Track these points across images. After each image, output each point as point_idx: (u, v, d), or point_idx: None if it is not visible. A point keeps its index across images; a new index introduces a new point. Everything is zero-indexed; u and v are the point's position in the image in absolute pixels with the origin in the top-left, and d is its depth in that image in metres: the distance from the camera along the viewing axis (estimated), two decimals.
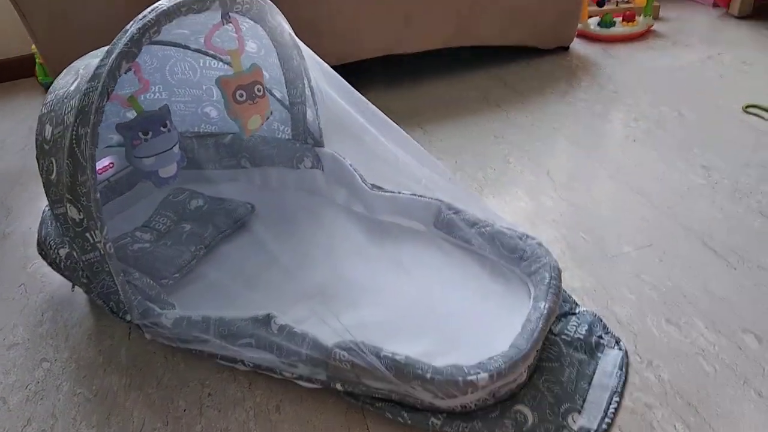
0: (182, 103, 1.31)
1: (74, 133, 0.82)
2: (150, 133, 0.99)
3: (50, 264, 1.11)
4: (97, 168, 1.22)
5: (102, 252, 0.89)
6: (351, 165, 1.26)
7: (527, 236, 1.03)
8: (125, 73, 0.84)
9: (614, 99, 1.82)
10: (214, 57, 1.17)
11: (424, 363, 0.82)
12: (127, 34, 0.83)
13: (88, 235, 0.88)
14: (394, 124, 1.07)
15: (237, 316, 0.94)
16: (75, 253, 0.92)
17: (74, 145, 0.83)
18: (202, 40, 1.05)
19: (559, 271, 0.96)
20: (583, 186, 1.39)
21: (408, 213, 1.18)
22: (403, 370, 0.81)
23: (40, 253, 1.13)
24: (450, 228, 1.11)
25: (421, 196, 1.16)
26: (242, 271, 1.13)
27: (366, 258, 1.13)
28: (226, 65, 1.15)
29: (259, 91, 1.08)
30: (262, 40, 1.14)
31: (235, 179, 1.40)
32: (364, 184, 1.22)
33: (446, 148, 1.60)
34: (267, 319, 0.92)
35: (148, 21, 0.83)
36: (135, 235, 1.20)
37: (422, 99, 1.90)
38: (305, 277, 1.10)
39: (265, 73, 1.22)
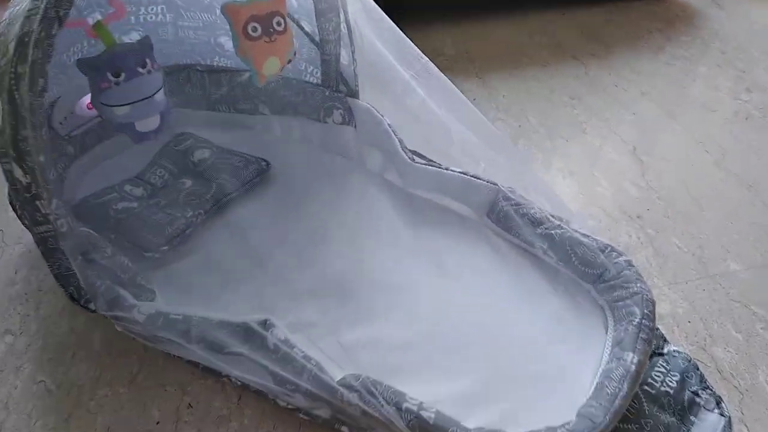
0: (191, 29, 1.07)
1: (12, 71, 0.60)
2: (122, 74, 0.74)
3: (19, 218, 0.92)
4: (85, 103, 0.99)
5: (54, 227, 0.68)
6: (390, 125, 1.01)
7: (611, 249, 0.78)
8: None
9: (722, 61, 1.48)
10: None
11: (461, 427, 0.60)
12: None
13: (38, 203, 0.67)
14: (450, 83, 0.81)
15: (226, 318, 0.73)
16: (25, 222, 0.72)
17: (13, 88, 0.60)
18: None
19: (653, 307, 0.71)
20: (678, 173, 1.11)
21: (455, 194, 0.94)
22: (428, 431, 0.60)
23: (10, 203, 0.94)
24: (508, 222, 0.87)
25: (473, 176, 0.91)
26: (245, 249, 0.92)
27: (397, 248, 0.90)
28: None
29: (279, 24, 0.83)
30: None
31: (251, 127, 1.16)
32: (403, 151, 0.98)
33: (508, 107, 1.32)
34: (263, 328, 0.72)
35: None
36: (123, 190, 0.99)
37: (481, 42, 1.59)
38: (320, 266, 0.88)
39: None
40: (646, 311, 0.70)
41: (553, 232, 0.82)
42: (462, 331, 0.76)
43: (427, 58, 0.84)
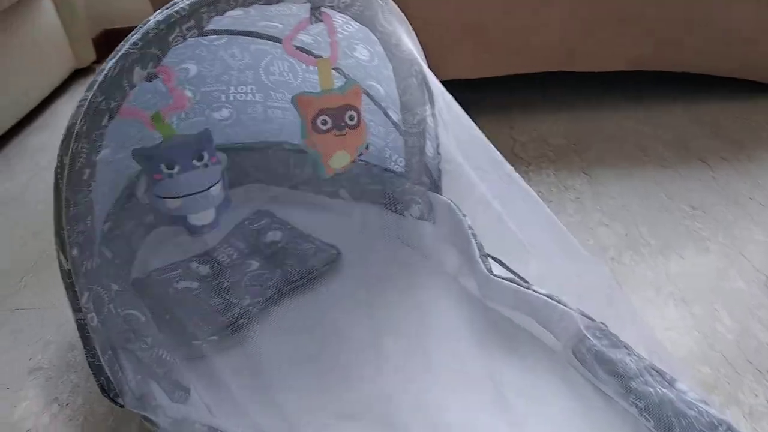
0: (279, 109, 1.05)
1: (59, 161, 0.58)
2: (176, 166, 0.72)
3: None
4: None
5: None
6: (470, 227, 0.91)
7: (728, 428, 0.60)
8: (147, 81, 0.58)
9: None
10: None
11: None
12: (142, 29, 0.56)
13: (73, 292, 0.65)
14: (533, 195, 0.71)
15: None
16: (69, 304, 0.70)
17: (58, 177, 0.59)
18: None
19: None
20: None
21: (539, 317, 0.81)
22: None
23: None
24: (597, 366, 0.72)
25: (559, 301, 0.78)
26: (294, 350, 0.84)
27: (460, 373, 0.78)
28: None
29: (351, 119, 0.77)
30: (376, 47, 0.82)
31: (330, 210, 1.11)
32: (481, 260, 0.87)
33: (615, 211, 1.17)
34: None
35: (177, 11, 0.56)
36: (189, 267, 0.97)
37: (594, 133, 1.46)
38: (367, 384, 0.78)
39: (378, 87, 0.91)
40: None
41: (651, 390, 0.66)
42: None
43: (511, 167, 0.74)
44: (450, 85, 0.82)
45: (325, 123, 0.76)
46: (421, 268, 0.97)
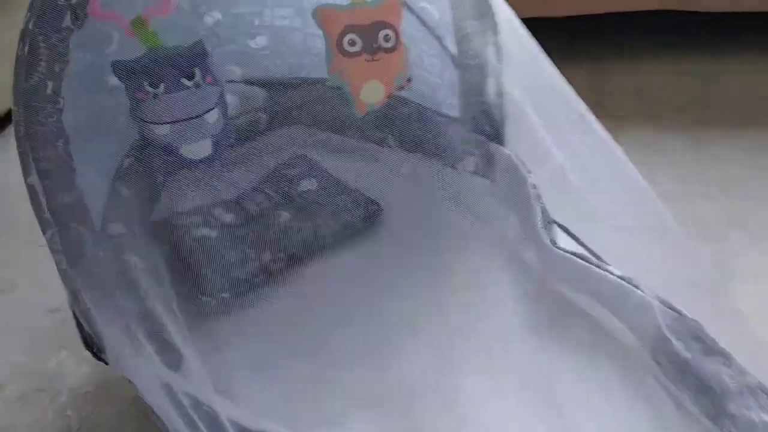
0: (319, 37, 0.89)
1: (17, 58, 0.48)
2: (161, 85, 0.60)
3: None
4: None
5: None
6: (535, 186, 0.75)
7: None
8: None
9: None
10: None
11: None
12: None
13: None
14: (613, 147, 0.54)
15: (240, 422, 0.55)
16: None
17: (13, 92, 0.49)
18: None
19: None
20: None
21: (613, 306, 0.64)
22: None
23: None
24: (681, 377, 0.55)
25: (637, 286, 0.61)
26: (313, 318, 0.73)
27: (505, 369, 0.63)
28: None
29: (387, 40, 0.63)
30: None
31: (376, 159, 0.97)
32: (544, 228, 0.71)
33: (723, 182, 0.96)
34: None
35: None
36: (211, 213, 0.87)
37: (705, 88, 1.22)
38: (395, 367, 0.66)
39: (432, 10, 0.75)
40: None
41: (755, 416, 0.49)
42: None
43: (585, 107, 0.57)
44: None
45: (353, 43, 0.62)
46: (472, 234, 0.82)
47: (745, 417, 0.50)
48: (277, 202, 0.91)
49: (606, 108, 1.19)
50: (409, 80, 0.71)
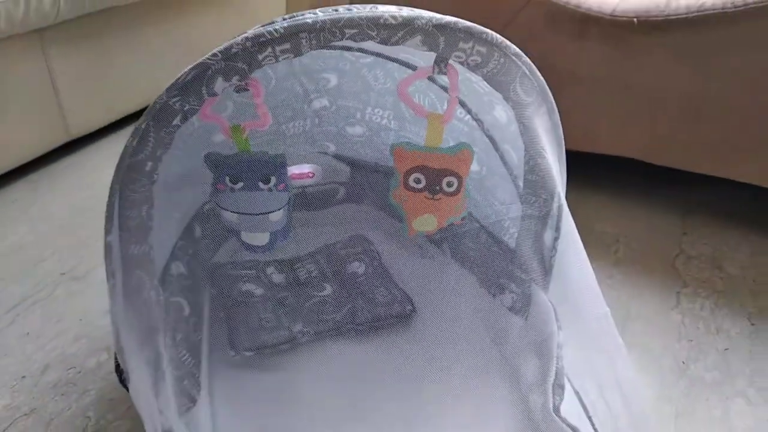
0: None
1: (124, 148, 0.57)
2: (240, 183, 0.68)
3: None
4: (294, 173, 0.98)
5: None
6: (560, 344, 0.77)
7: None
8: (235, 92, 0.55)
9: None
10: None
11: None
12: (228, 43, 0.53)
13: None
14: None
15: None
16: None
17: (119, 162, 0.58)
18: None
19: None
20: None
21: None
22: None
23: None
24: None
25: None
26: (324, 398, 0.78)
27: None
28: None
29: (450, 185, 0.68)
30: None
31: (430, 258, 1.02)
32: (551, 389, 0.73)
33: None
34: None
35: (270, 32, 0.52)
36: (264, 271, 0.95)
37: None
38: None
39: (512, 153, 0.79)
40: None
41: None
42: None
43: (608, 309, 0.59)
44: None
45: (418, 181, 0.67)
46: (491, 365, 0.85)
47: None
48: (324, 275, 0.98)
49: (677, 269, 1.17)
50: (462, 219, 0.76)
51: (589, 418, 0.71)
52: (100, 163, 1.55)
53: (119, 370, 0.73)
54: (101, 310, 1.04)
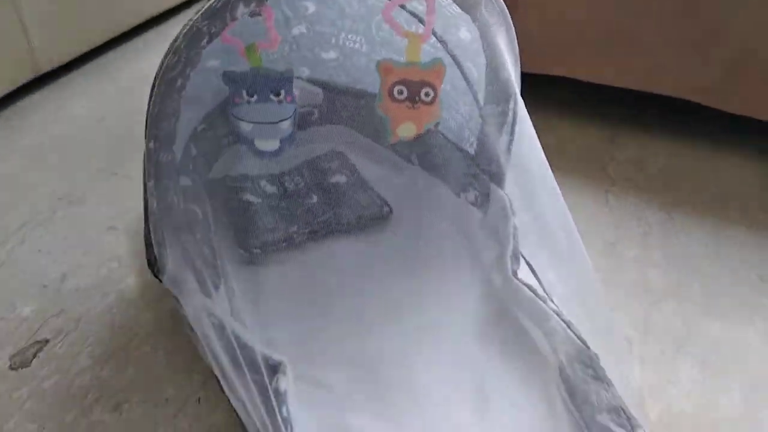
0: None
1: (159, 67, 0.68)
2: (255, 96, 0.80)
3: None
4: None
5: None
6: (515, 225, 0.94)
7: None
8: (250, 16, 0.66)
9: None
10: None
11: None
12: None
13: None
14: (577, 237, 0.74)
15: (249, 343, 0.75)
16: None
17: (154, 80, 0.69)
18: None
19: None
20: None
21: (543, 327, 0.84)
22: None
23: None
24: (573, 390, 0.75)
25: (564, 320, 0.80)
26: (317, 286, 0.93)
27: (455, 360, 0.83)
28: None
29: (427, 95, 0.82)
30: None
31: (399, 170, 1.17)
32: (510, 260, 0.90)
33: (676, 257, 1.13)
34: (273, 370, 0.72)
35: None
36: (258, 183, 1.07)
37: (701, 173, 1.38)
38: (369, 338, 0.85)
39: (474, 70, 0.93)
40: None
41: (614, 429, 0.68)
42: None
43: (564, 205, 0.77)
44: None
45: (401, 93, 0.81)
46: (459, 253, 1.01)
47: (607, 428, 0.69)
48: (310, 186, 1.11)
49: (608, 173, 1.37)
50: (436, 125, 0.90)
51: (537, 278, 0.89)
52: (73, 96, 1.59)
53: (151, 263, 0.85)
54: (102, 228, 1.14)
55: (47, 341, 0.91)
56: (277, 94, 0.84)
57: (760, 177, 1.38)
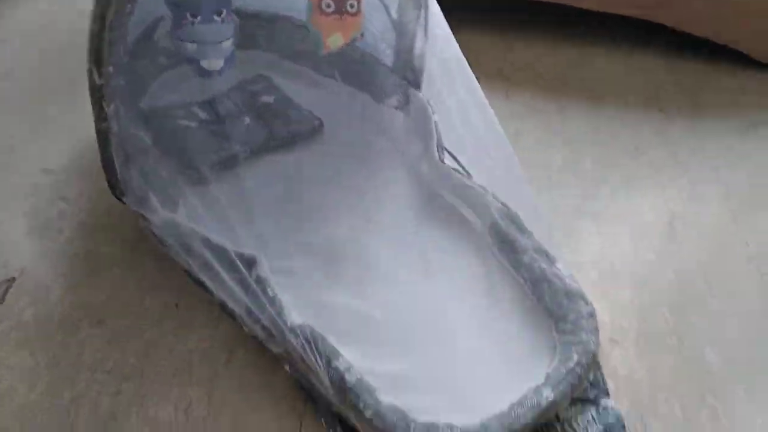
0: None
1: None
2: (199, 17, 0.86)
3: None
4: None
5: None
6: (436, 122, 1.07)
7: (580, 297, 0.81)
8: None
9: None
10: None
11: (370, 396, 0.68)
12: None
13: (102, 103, 0.80)
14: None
15: (221, 243, 0.84)
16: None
17: (103, 5, 0.73)
18: None
19: (592, 358, 0.75)
20: (705, 250, 1.09)
21: (471, 203, 0.99)
22: (345, 392, 0.69)
23: None
24: (503, 244, 0.91)
25: (485, 189, 0.96)
26: (269, 193, 1.02)
27: (398, 236, 0.97)
28: None
29: (351, 7, 0.92)
30: None
31: (323, 87, 1.26)
32: (437, 150, 1.04)
33: (572, 138, 1.33)
34: (250, 262, 0.82)
35: None
36: (191, 110, 1.13)
37: (577, 70, 1.58)
38: (324, 226, 0.97)
39: None
40: (582, 360, 0.73)
41: (536, 265, 0.86)
42: (419, 323, 0.83)
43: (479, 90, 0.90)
44: None
45: (329, 6, 0.90)
46: (388, 151, 1.14)
47: (533, 266, 0.86)
48: (241, 109, 1.18)
49: (504, 75, 1.53)
50: (361, 35, 1.00)
51: (458, 162, 1.04)
52: None
53: (112, 186, 0.90)
54: (29, 170, 1.15)
55: (14, 279, 0.95)
56: (219, 14, 0.90)
57: (625, 65, 1.60)
